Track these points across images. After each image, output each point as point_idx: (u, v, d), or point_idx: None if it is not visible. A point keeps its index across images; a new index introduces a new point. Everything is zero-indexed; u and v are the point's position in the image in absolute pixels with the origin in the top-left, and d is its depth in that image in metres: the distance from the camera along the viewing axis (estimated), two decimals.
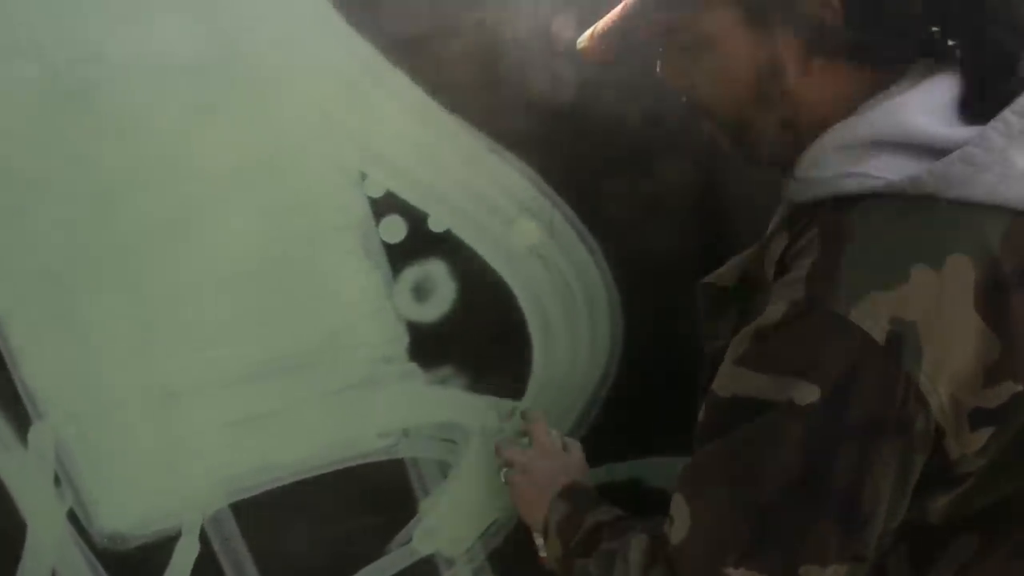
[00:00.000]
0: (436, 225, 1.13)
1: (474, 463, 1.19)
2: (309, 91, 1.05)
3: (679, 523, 0.79)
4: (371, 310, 1.11)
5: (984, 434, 0.74)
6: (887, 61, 0.80)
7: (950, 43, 0.81)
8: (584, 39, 0.94)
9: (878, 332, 0.70)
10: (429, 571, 1.22)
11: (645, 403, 1.24)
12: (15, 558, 1.01)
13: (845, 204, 0.78)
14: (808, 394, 0.72)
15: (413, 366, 1.14)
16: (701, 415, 0.83)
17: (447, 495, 1.18)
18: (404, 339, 1.14)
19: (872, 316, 0.70)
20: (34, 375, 0.99)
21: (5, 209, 0.95)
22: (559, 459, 1.11)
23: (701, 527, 0.77)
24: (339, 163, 1.08)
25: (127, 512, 1.05)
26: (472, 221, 1.14)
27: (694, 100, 0.89)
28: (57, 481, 1.01)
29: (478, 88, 1.12)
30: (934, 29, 0.80)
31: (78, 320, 1.00)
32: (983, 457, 0.75)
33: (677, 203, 1.25)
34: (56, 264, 0.98)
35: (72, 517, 1.03)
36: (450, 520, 1.12)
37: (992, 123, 0.74)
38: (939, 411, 0.72)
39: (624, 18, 0.88)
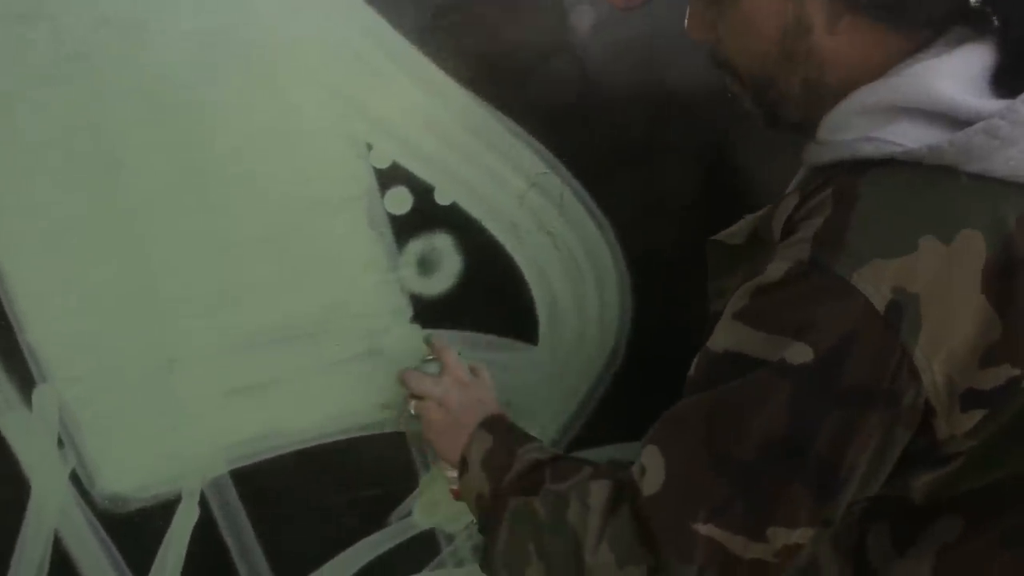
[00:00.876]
0: (442, 198, 1.12)
1: None
2: (316, 60, 1.04)
3: (652, 474, 0.76)
4: (375, 281, 1.11)
5: (975, 416, 0.72)
6: (919, 23, 0.77)
7: (987, 10, 0.77)
8: None
9: (879, 299, 0.68)
10: (429, 546, 1.22)
11: (655, 382, 1.22)
12: (19, 518, 1.03)
13: (861, 168, 0.75)
14: (801, 355, 0.70)
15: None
16: (692, 368, 0.81)
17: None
18: (408, 311, 1.13)
19: (874, 282, 0.69)
20: (39, 338, 1.00)
21: (11, 172, 0.96)
22: (473, 389, 1.06)
23: (676, 479, 0.75)
24: (345, 133, 1.07)
25: (128, 475, 1.06)
26: (479, 195, 1.13)
27: (719, 55, 0.87)
28: (60, 443, 1.03)
29: (488, 60, 1.10)
30: None
31: (83, 284, 1.01)
32: (973, 439, 0.73)
33: (689, 182, 1.22)
34: (61, 228, 0.99)
35: (74, 478, 1.04)
36: (449, 496, 1.12)
37: (1022, 96, 0.70)
38: (931, 387, 0.70)
39: None
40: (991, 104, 0.71)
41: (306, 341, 1.09)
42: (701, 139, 1.21)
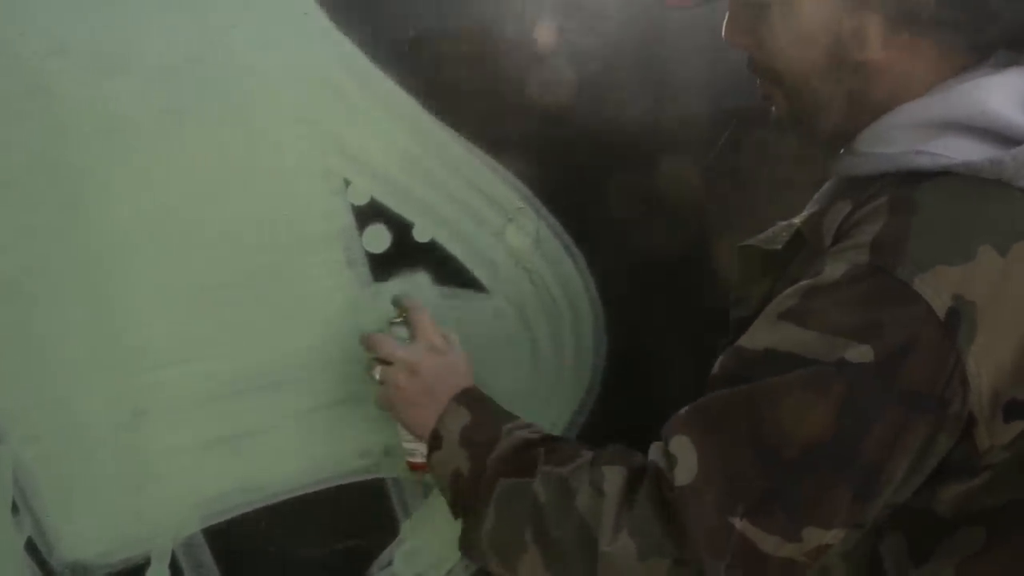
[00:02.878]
0: (421, 235, 1.09)
1: None
2: (292, 94, 1.00)
3: (685, 464, 0.73)
4: (353, 324, 1.07)
5: (1015, 428, 0.73)
6: (973, 46, 0.78)
7: None
8: None
9: (940, 306, 0.69)
10: None
11: (630, 417, 1.22)
12: None
13: (915, 179, 0.76)
14: (862, 354, 0.69)
15: None
16: (717, 366, 0.79)
17: (429, 516, 1.13)
18: None
19: (935, 288, 0.69)
20: None
21: None
22: (448, 356, 0.98)
23: (714, 471, 0.73)
24: (321, 169, 1.03)
25: (91, 540, 0.98)
26: (458, 231, 1.11)
27: (758, 61, 0.85)
28: (14, 509, 0.94)
29: (466, 95, 1.09)
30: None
31: (39, 333, 0.93)
32: (1008, 451, 0.74)
33: (664, 215, 1.23)
34: (15, 273, 0.91)
35: (30, 547, 0.95)
36: (432, 542, 1.08)
37: None
38: (976, 396, 0.71)
39: None
40: None
41: (282, 388, 1.04)
42: (676, 174, 1.22)
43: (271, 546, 1.06)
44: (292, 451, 1.06)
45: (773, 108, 0.88)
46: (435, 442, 0.91)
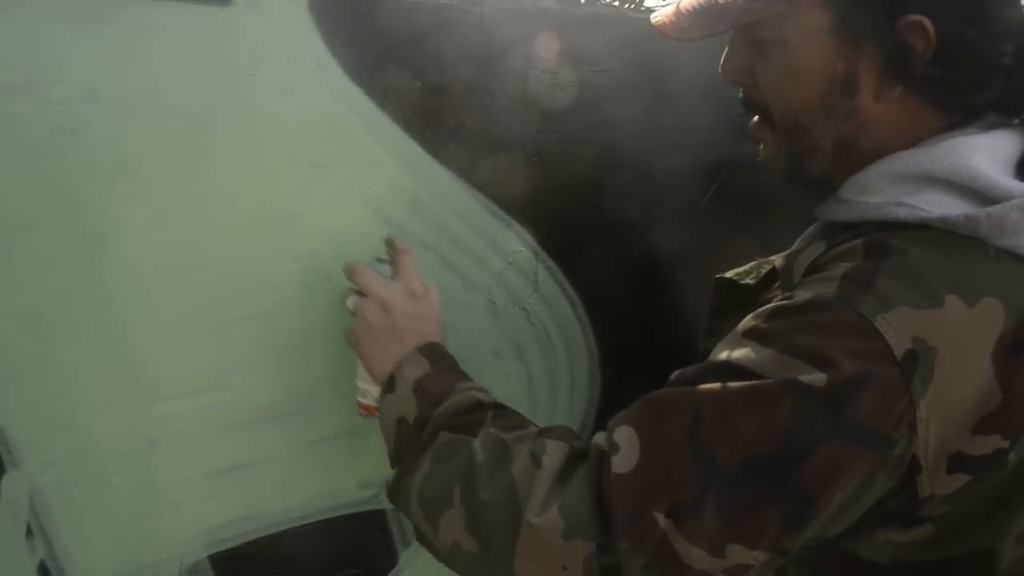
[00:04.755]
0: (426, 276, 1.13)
1: None
2: (304, 139, 1.05)
3: (626, 453, 0.72)
4: (356, 360, 1.10)
5: (958, 480, 0.73)
6: (962, 106, 0.80)
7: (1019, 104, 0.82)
8: (660, 16, 0.88)
9: (899, 346, 0.69)
10: None
11: None
12: None
13: (893, 228, 0.77)
14: (813, 380, 0.69)
15: None
16: (675, 372, 0.79)
17: None
18: None
19: (897, 328, 0.69)
20: (11, 420, 0.95)
21: None
22: (423, 305, 0.98)
23: (653, 465, 0.71)
24: (331, 212, 1.07)
25: (101, 564, 1.01)
26: (461, 273, 1.15)
27: (752, 99, 0.87)
28: (29, 532, 0.97)
29: (469, 143, 1.14)
30: (1015, 84, 0.80)
31: (58, 363, 0.96)
32: (949, 504, 0.74)
33: (657, 261, 1.28)
34: (38, 305, 0.95)
35: (42, 570, 0.98)
36: (429, 572, 1.11)
37: None
38: (922, 442, 0.70)
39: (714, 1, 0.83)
40: (1021, 186, 0.76)
41: (289, 420, 1.08)
42: (669, 218, 1.27)
43: (274, 573, 1.09)
44: (296, 481, 1.09)
45: (761, 148, 0.90)
46: (389, 385, 0.91)
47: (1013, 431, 0.74)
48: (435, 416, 0.86)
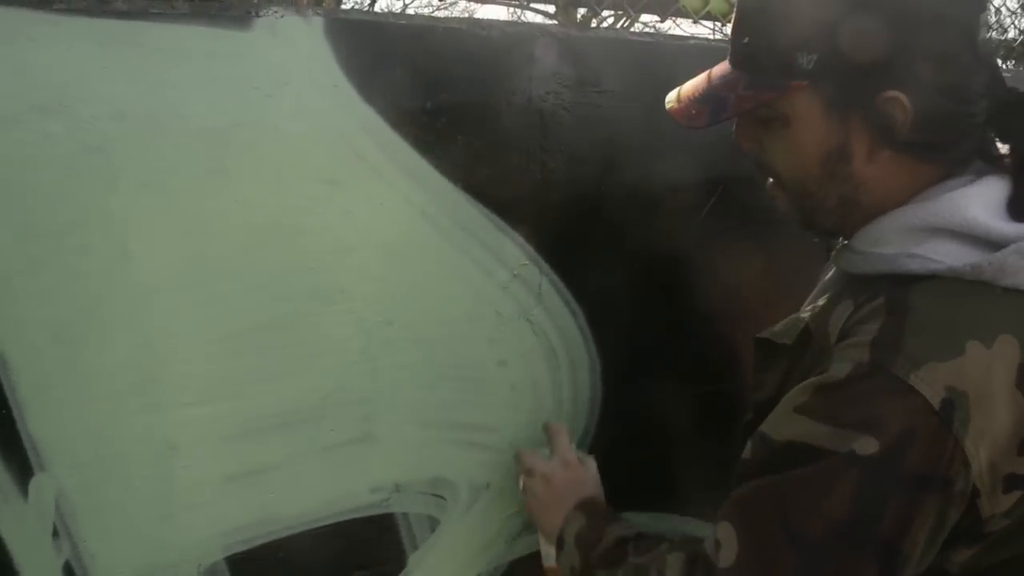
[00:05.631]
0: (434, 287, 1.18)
1: (461, 518, 1.23)
2: (318, 157, 1.10)
3: (727, 549, 0.85)
4: (368, 368, 1.15)
5: (1013, 496, 0.82)
6: (946, 159, 0.90)
7: (1002, 148, 0.92)
8: (672, 100, 1.00)
9: (934, 397, 0.78)
10: None
11: (623, 461, 1.30)
12: None
13: (907, 280, 0.86)
14: (868, 446, 0.79)
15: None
16: (747, 452, 0.89)
17: (435, 549, 1.21)
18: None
19: (930, 383, 0.78)
20: (39, 426, 0.99)
21: (23, 259, 0.97)
22: (578, 471, 1.16)
23: (752, 553, 0.83)
24: (344, 227, 1.12)
25: (123, 564, 1.05)
26: (468, 285, 1.20)
27: (762, 164, 0.96)
28: (55, 533, 1.01)
29: (476, 160, 1.19)
30: (991, 134, 0.91)
31: (85, 370, 1.01)
32: (1009, 518, 0.83)
33: (656, 276, 1.33)
34: (68, 315, 1.00)
35: (67, 570, 1.02)
36: (437, 574, 1.15)
37: None
38: (978, 474, 0.79)
39: (714, 88, 0.95)
40: (1015, 228, 0.85)
41: (303, 427, 1.12)
42: (668, 237, 1.32)
43: (287, 574, 1.13)
44: (309, 486, 1.14)
45: (778, 204, 0.99)
46: (559, 543, 1.07)
47: None
48: (592, 560, 1.01)
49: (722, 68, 0.95)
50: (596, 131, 1.27)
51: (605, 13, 1.53)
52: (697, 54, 1.35)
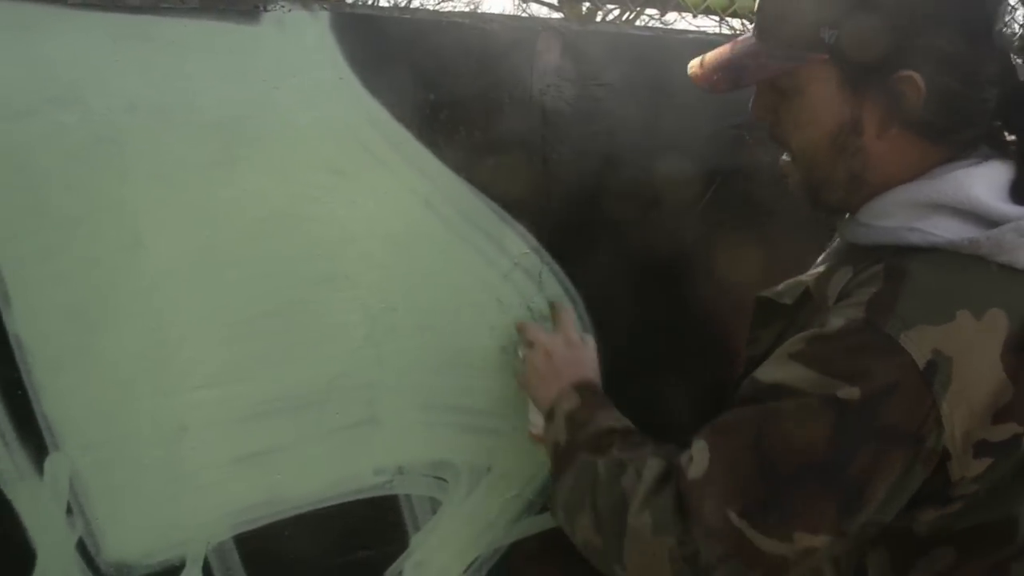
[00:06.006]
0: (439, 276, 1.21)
1: (462, 501, 1.26)
2: (325, 148, 1.13)
3: (699, 463, 0.88)
4: (372, 353, 1.18)
5: (983, 463, 0.85)
6: (953, 142, 0.93)
7: (1008, 137, 0.95)
8: (695, 66, 1.03)
9: (920, 358, 0.82)
10: None
11: None
12: None
13: (907, 251, 0.90)
14: (850, 394, 0.82)
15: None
16: (740, 392, 0.93)
17: (436, 531, 1.25)
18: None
19: (918, 343, 0.82)
20: (54, 406, 1.03)
21: (39, 247, 1.00)
22: (579, 351, 1.20)
23: (720, 472, 0.87)
24: (349, 215, 1.15)
25: (134, 542, 1.09)
26: (471, 273, 1.23)
27: (776, 135, 1.00)
28: (69, 511, 1.05)
29: (479, 151, 1.22)
30: (998, 123, 0.94)
31: (98, 353, 1.05)
32: (977, 484, 0.86)
33: (655, 262, 1.36)
34: (82, 301, 1.03)
35: (80, 546, 1.06)
36: (439, 555, 1.18)
37: None
38: (949, 436, 0.83)
39: (736, 56, 0.98)
40: (1015, 209, 0.88)
41: (309, 410, 1.16)
42: (666, 222, 1.34)
43: (293, 554, 1.17)
44: (315, 468, 1.17)
45: (788, 181, 1.02)
46: (549, 416, 1.11)
47: None
48: (577, 441, 1.04)
49: (745, 39, 0.99)
50: (597, 124, 1.29)
51: (609, 5, 1.56)
52: (697, 48, 1.37)
